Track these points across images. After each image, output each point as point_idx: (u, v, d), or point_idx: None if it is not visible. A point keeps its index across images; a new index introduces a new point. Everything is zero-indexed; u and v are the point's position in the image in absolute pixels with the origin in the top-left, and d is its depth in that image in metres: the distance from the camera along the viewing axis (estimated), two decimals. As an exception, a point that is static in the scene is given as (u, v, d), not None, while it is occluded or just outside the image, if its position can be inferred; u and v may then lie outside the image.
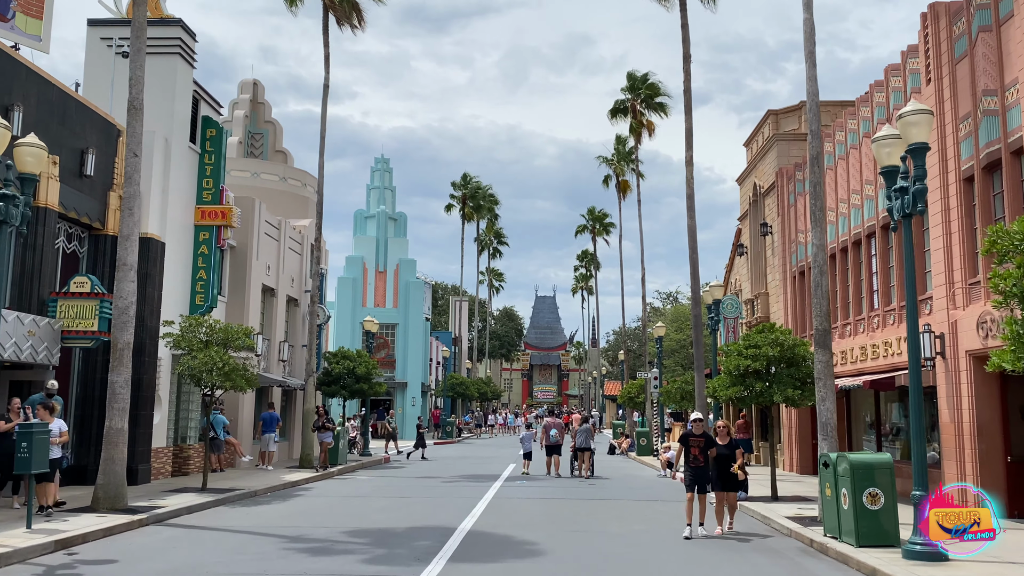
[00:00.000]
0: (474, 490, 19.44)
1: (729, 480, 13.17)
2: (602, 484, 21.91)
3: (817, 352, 14.47)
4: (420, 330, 49.18)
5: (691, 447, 12.98)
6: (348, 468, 25.10)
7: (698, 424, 13.20)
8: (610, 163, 47.14)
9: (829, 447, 14.00)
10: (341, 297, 47.34)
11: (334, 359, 28.57)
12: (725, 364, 17.94)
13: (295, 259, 29.72)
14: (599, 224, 67.99)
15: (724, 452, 13.14)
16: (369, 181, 50.70)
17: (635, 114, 39.16)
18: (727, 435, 13.41)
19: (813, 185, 14.82)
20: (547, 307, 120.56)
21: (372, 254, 48.27)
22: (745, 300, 30.44)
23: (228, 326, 18.31)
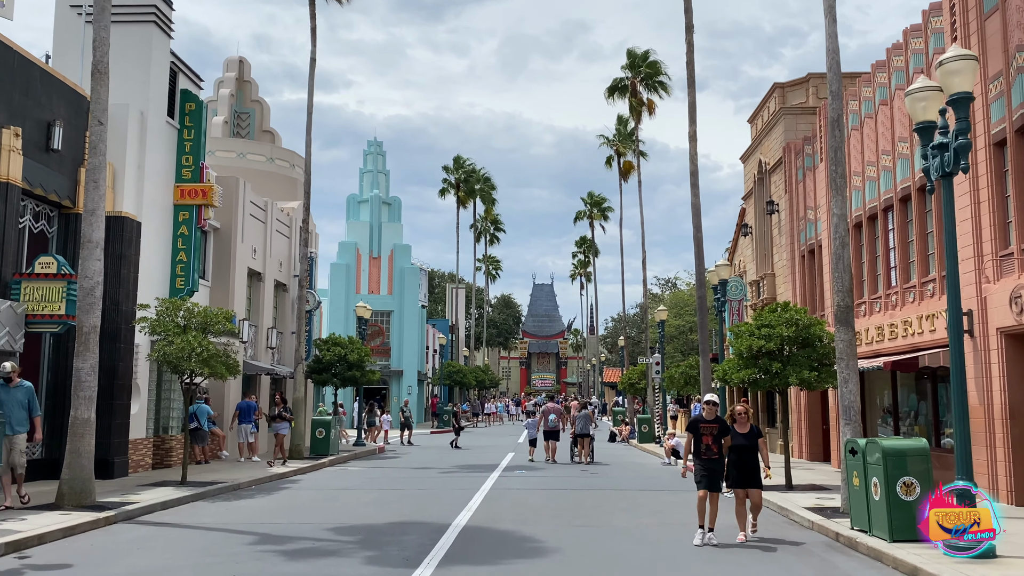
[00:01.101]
0: (471, 481, 18.51)
1: (751, 474, 10.98)
2: (605, 473, 21.04)
3: (839, 330, 13.39)
4: (416, 317, 48.18)
5: (702, 435, 10.87)
6: (340, 459, 24.20)
7: (710, 408, 11.02)
8: (611, 143, 45.94)
9: (853, 432, 12.94)
10: (334, 284, 46.28)
11: (324, 346, 27.55)
12: (735, 345, 16.90)
13: (283, 242, 28.62)
14: (598, 209, 67.00)
15: (743, 442, 11.00)
16: (362, 165, 49.53)
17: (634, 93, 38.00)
18: (747, 421, 11.16)
19: (833, 150, 13.69)
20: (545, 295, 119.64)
21: (366, 240, 47.20)
22: (750, 282, 29.44)
23: (207, 310, 17.19)
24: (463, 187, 60.41)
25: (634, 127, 41.19)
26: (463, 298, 72.40)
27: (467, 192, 60.93)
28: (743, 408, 11.21)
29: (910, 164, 17.68)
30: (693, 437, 10.96)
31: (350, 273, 46.57)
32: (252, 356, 25.60)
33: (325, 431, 24.63)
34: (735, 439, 11.02)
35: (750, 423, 11.19)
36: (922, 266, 17.28)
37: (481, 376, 61.03)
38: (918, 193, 17.42)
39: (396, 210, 48.93)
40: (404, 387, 46.48)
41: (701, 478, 10.82)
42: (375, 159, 48.67)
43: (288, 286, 28.65)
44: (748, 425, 11.14)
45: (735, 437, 11.03)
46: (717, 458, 10.87)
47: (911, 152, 17.64)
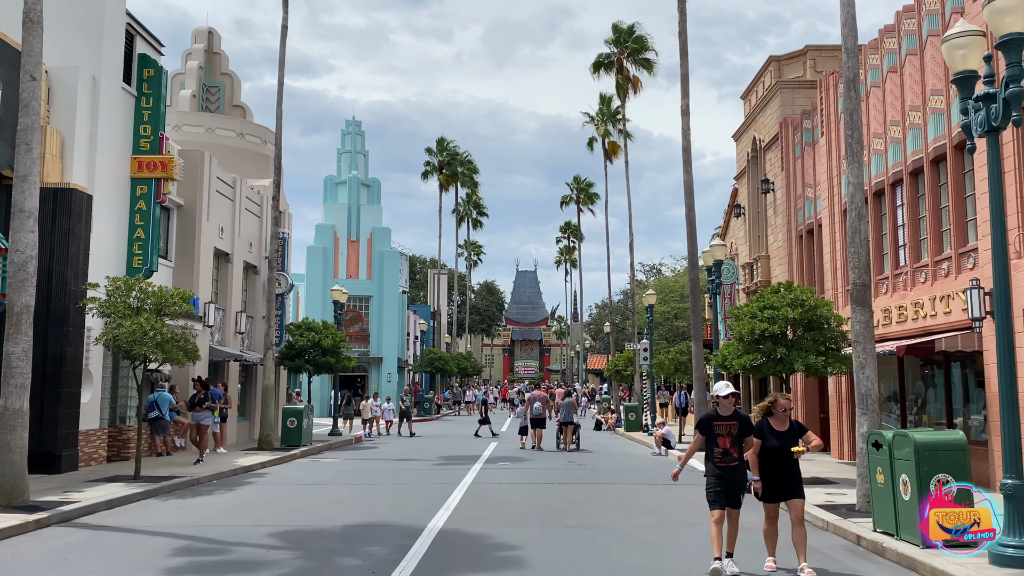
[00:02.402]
0: (451, 474, 17.28)
1: (790, 480, 8.26)
2: (593, 464, 19.93)
3: (855, 311, 12.13)
4: (396, 303, 46.82)
5: (716, 436, 8.12)
6: (313, 450, 22.96)
7: (727, 402, 8.18)
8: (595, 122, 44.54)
9: (870, 423, 11.70)
10: (311, 268, 44.78)
11: (297, 331, 26.39)
12: (736, 328, 15.70)
13: (253, 222, 27.13)
14: (584, 194, 65.83)
15: (775, 444, 8.15)
16: (340, 145, 47.93)
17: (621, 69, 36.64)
18: (788, 417, 8.37)
19: (848, 113, 12.39)
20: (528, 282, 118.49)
21: (344, 222, 45.72)
22: (743, 264, 28.34)
23: (162, 289, 15.72)
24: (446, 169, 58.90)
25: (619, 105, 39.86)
26: (445, 284, 71.00)
27: (450, 175, 59.46)
28: (787, 401, 8.32)
29: (922, 134, 16.45)
30: (703, 439, 8.28)
31: (327, 257, 45.09)
32: (220, 341, 24.22)
33: (297, 420, 23.33)
34: (770, 439, 8.17)
35: (790, 419, 8.39)
36: (935, 244, 16.09)
37: (463, 363, 59.87)
38: (931, 165, 16.19)
39: (375, 192, 47.46)
40: (383, 374, 45.17)
41: (716, 495, 8.06)
42: (353, 139, 47.13)
43: (259, 268, 27.21)
44: (787, 421, 8.32)
45: (770, 438, 8.18)
46: (736, 465, 8.12)
47: (923, 121, 16.40)
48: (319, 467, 19.20)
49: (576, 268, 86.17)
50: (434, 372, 53.02)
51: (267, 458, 19.83)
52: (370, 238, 45.93)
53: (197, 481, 15.81)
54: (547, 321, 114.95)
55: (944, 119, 15.51)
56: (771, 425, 8.30)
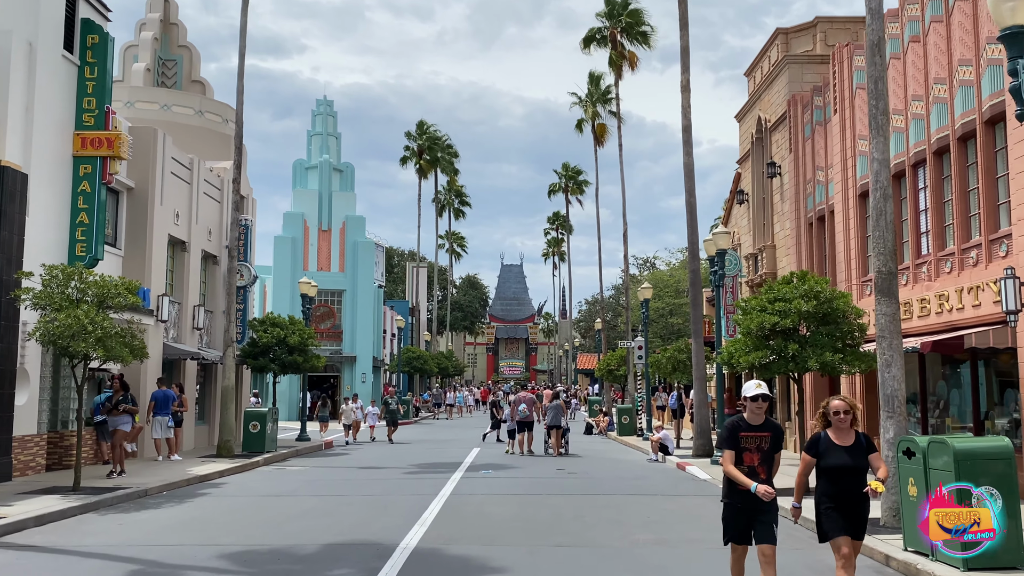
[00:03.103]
0: (428, 484, 16.64)
1: (859, 514, 6.72)
2: (585, 472, 19.38)
3: (880, 302, 11.51)
4: (371, 297, 46.09)
5: (743, 450, 6.81)
6: (278, 456, 22.35)
7: (756, 407, 6.82)
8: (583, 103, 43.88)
9: (897, 427, 11.09)
10: (278, 259, 43.95)
11: (261, 327, 25.70)
12: (744, 323, 15.10)
13: (213, 208, 26.33)
14: (574, 182, 65.34)
15: (846, 462, 6.65)
16: (310, 127, 47.07)
17: (615, 44, 35.96)
18: (852, 427, 6.80)
19: (873, 82, 11.76)
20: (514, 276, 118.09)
21: (314, 210, 44.91)
22: (746, 255, 27.84)
23: (104, 279, 14.89)
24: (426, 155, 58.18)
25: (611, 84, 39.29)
26: (425, 278, 70.33)
27: (430, 161, 58.73)
28: (846, 405, 6.79)
29: (948, 109, 15.88)
30: (733, 453, 6.85)
31: (296, 247, 44.25)
32: (175, 338, 23.46)
33: (260, 424, 22.70)
34: (832, 456, 6.67)
35: (855, 431, 6.83)
36: (962, 230, 15.52)
37: (444, 363, 59.30)
38: (958, 143, 15.61)
39: (349, 178, 46.65)
40: (357, 375, 44.44)
41: (735, 527, 6.82)
42: (325, 120, 46.28)
43: (219, 258, 26.43)
44: (853, 433, 6.78)
45: (832, 454, 6.68)
46: None
47: (950, 95, 15.82)
48: (283, 476, 18.63)
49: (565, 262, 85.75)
50: (412, 372, 52.39)
51: (226, 466, 19.24)
52: (343, 227, 45.17)
53: (145, 493, 15.15)
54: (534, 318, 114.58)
55: (973, 92, 14.94)
56: (831, 438, 6.74)
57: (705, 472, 18.45)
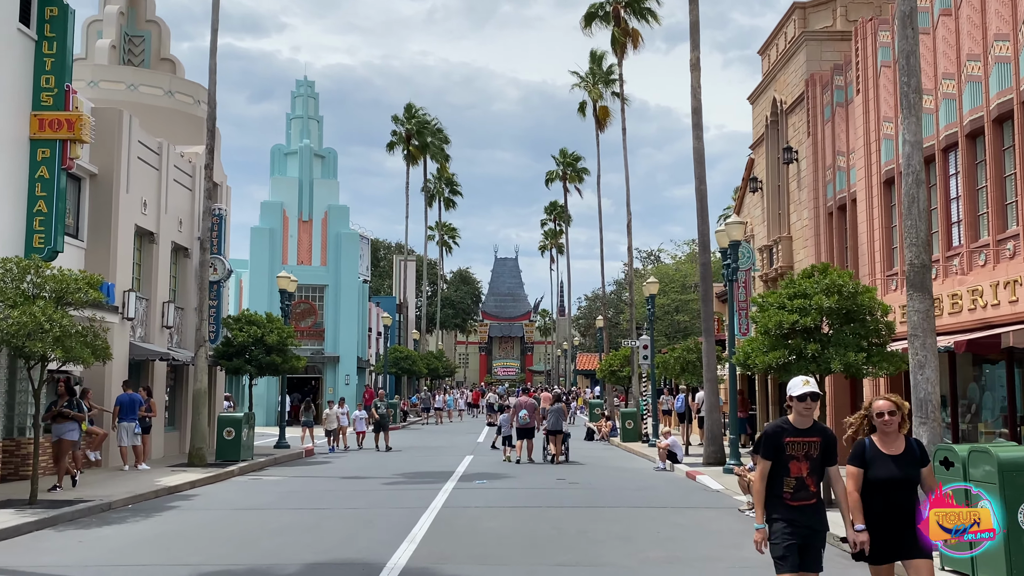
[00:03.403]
0: (418, 496, 16.36)
1: (912, 531, 6.19)
2: (588, 482, 19.18)
3: (912, 298, 11.25)
4: (355, 293, 45.84)
5: (789, 459, 6.11)
6: (255, 465, 22.12)
7: (805, 407, 6.12)
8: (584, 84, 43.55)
9: (931, 435, 10.82)
10: (256, 252, 43.61)
11: (236, 325, 25.40)
12: (761, 321, 14.86)
13: (184, 196, 26.04)
14: (572, 169, 65.14)
15: (895, 473, 6.11)
16: (289, 110, 46.68)
17: (618, 21, 35.68)
18: (900, 431, 6.24)
19: (905, 56, 11.48)
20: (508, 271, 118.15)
21: (294, 199, 44.57)
22: (760, 247, 27.62)
23: (63, 273, 14.57)
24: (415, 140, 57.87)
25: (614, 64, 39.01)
26: (413, 272, 70.13)
27: (419, 146, 58.42)
28: (891, 404, 6.21)
29: (983, 88, 15.61)
30: (768, 465, 6.17)
31: (275, 239, 43.92)
32: (142, 337, 23.21)
33: (235, 431, 22.43)
34: (879, 467, 6.09)
35: (903, 434, 6.27)
36: (998, 219, 15.29)
37: (434, 363, 59.11)
38: (994, 125, 15.37)
39: (331, 164, 46.33)
40: (340, 376, 44.18)
41: (786, 549, 6.03)
42: (305, 102, 45.94)
43: (191, 251, 26.15)
44: (902, 439, 6.22)
45: (878, 465, 6.10)
46: (815, 504, 6.15)
47: (984, 73, 15.57)
48: (260, 487, 18.39)
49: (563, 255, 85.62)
50: (400, 373, 52.20)
51: (198, 476, 19.02)
52: (325, 218, 44.90)
53: (108, 506, 14.88)
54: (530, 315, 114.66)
55: (1011, 69, 14.68)
56: (877, 446, 6.14)
57: (717, 482, 18.27)
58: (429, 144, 58.71)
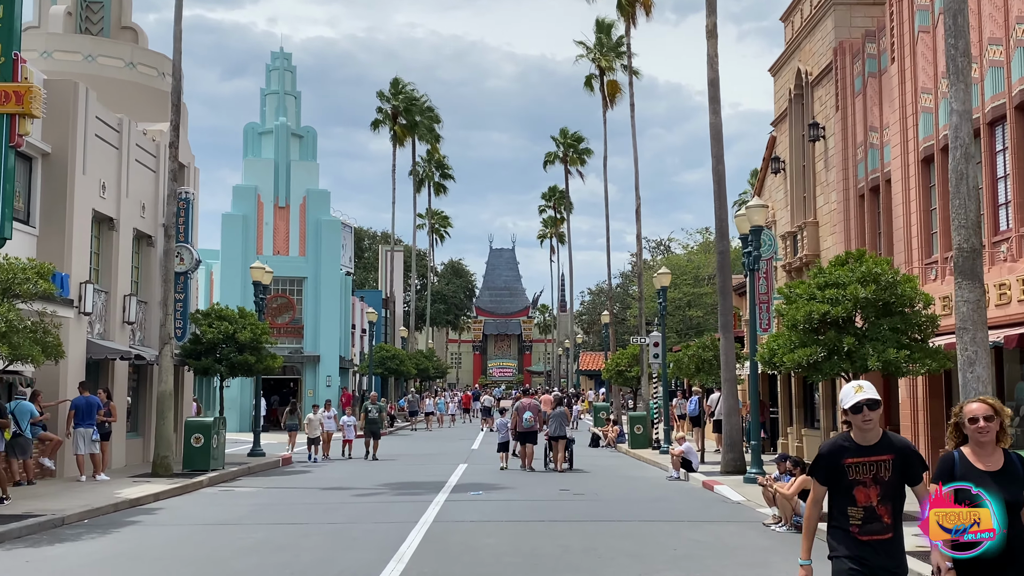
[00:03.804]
0: (405, 510, 16.17)
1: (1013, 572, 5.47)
2: (594, 493, 19.08)
3: (960, 287, 10.94)
4: (337, 286, 45.60)
5: (854, 484, 5.42)
6: (226, 475, 22.03)
7: (865, 421, 5.38)
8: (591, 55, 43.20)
9: (982, 440, 10.47)
10: (228, 241, 43.29)
11: (205, 321, 25.17)
12: (789, 313, 14.62)
13: (147, 178, 25.81)
14: (573, 150, 64.84)
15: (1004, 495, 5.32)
16: (264, 85, 46.28)
17: (627, -16, 35.32)
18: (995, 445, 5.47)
19: (952, 15, 11.15)
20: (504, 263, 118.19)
21: (269, 183, 44.23)
22: (782, 235, 27.41)
23: (9, 261, 14.26)
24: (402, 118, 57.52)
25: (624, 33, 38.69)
26: (401, 264, 69.95)
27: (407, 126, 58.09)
28: (988, 408, 5.42)
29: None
30: (823, 492, 5.60)
31: (249, 227, 43.58)
32: (101, 334, 23.01)
33: (204, 437, 22.30)
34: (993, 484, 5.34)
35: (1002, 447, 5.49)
36: (1051, 200, 14.94)
37: (423, 363, 58.99)
38: (1046, 95, 15.01)
39: (310, 145, 46.00)
40: (321, 377, 43.94)
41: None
42: (282, 76, 45.55)
43: (155, 239, 25.83)
44: (1000, 452, 5.46)
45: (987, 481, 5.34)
46: (891, 538, 5.40)
47: (1035, 38, 15.20)
48: (231, 500, 18.26)
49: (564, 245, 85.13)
50: (386, 374, 52.03)
51: (162, 487, 18.86)
52: (303, 203, 44.60)
53: (61, 521, 14.67)
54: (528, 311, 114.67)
55: (1066, 32, 14.32)
56: (969, 461, 5.43)
57: (738, 493, 18.11)
58: (418, 123, 58.41)
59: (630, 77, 38.57)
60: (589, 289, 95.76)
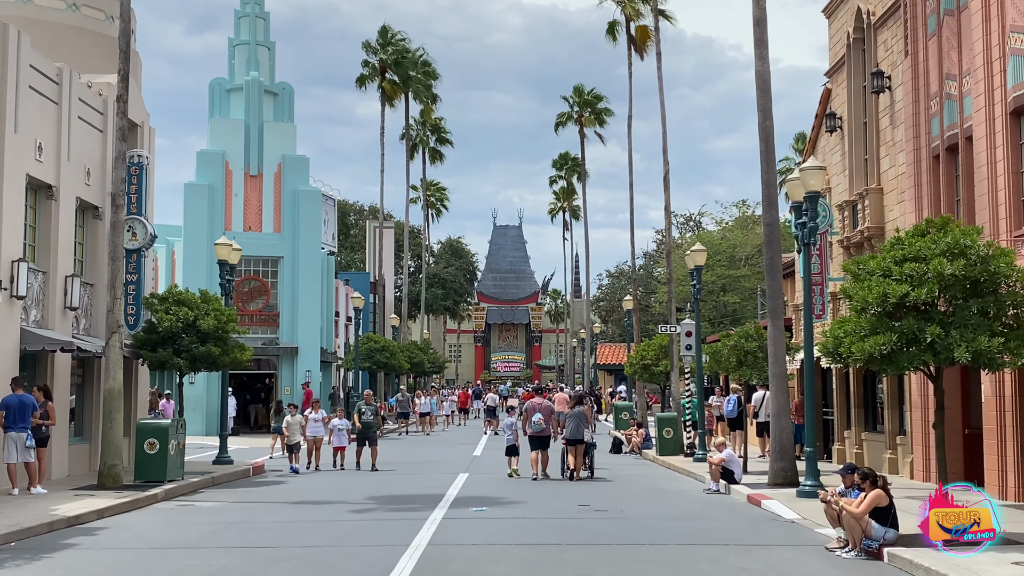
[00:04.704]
0: (396, 529, 15.95)
1: None
2: (620, 511, 18.73)
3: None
4: (318, 268, 45.21)
5: None
6: (186, 487, 21.89)
7: None
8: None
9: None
10: (192, 215, 42.65)
11: (161, 306, 24.97)
12: (857, 295, 14.01)
13: (93, 139, 25.32)
14: (590, 110, 64.18)
15: None
16: (232, 33, 45.58)
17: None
18: None
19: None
20: (510, 242, 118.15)
21: (239, 148, 43.49)
22: (838, 204, 26.96)
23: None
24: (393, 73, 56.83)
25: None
26: (391, 243, 69.59)
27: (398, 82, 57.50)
28: None
29: None
30: None
31: (215, 198, 42.90)
32: (38, 321, 22.62)
33: (160, 443, 21.86)
34: None
35: None
36: None
37: (418, 356, 58.71)
38: None
39: (286, 103, 45.40)
40: (300, 372, 43.51)
41: None
42: (253, 24, 44.84)
43: (102, 210, 25.23)
44: None
45: None
46: None
47: None
48: (189, 517, 18.06)
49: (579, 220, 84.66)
50: (375, 369, 51.75)
51: (108, 502, 18.59)
52: (278, 171, 44.11)
53: (-17, 544, 14.16)
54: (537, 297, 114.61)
55: None
56: None
57: (790, 509, 17.68)
58: (411, 79, 57.91)
59: (656, 21, 37.95)
60: (607, 271, 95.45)
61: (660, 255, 78.19)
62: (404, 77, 57.55)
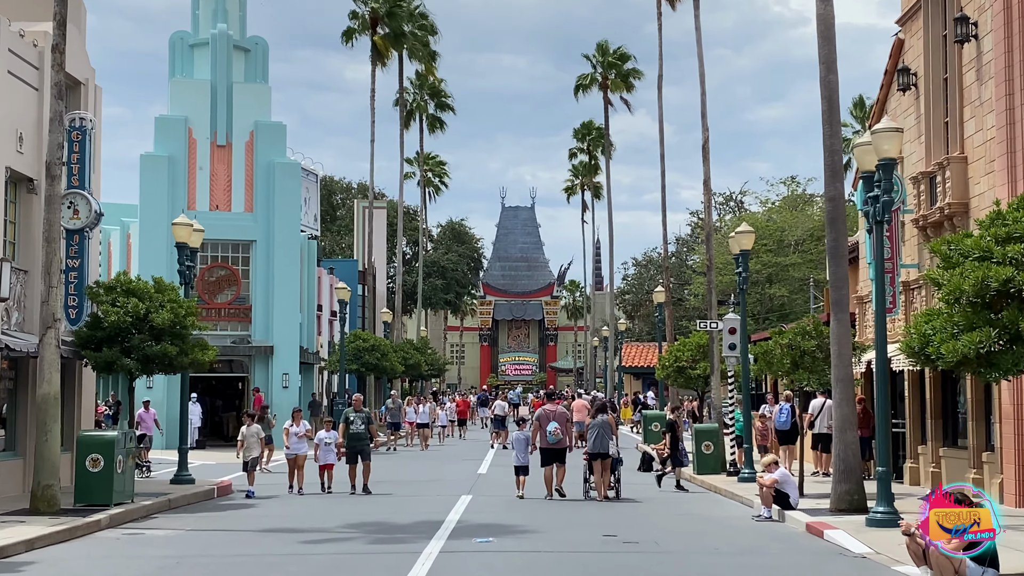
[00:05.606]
0: (383, 566, 15.91)
1: None
2: (653, 541, 18.55)
3: None
4: (296, 254, 45.50)
5: None
6: (135, 511, 21.83)
7: None
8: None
9: None
10: (148, 191, 42.60)
11: (108, 297, 24.93)
12: (950, 283, 13.38)
13: (28, 98, 25.03)
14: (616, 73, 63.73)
15: None
16: (196, -19, 45.72)
17: None
18: None
19: None
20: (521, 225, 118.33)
21: (204, 113, 43.42)
22: (911, 177, 26.24)
23: None
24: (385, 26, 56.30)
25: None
26: (383, 225, 69.45)
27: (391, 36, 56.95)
28: None
29: None
30: None
31: (177, 172, 42.82)
32: (-41, 314, 22.02)
33: (105, 459, 21.78)
34: None
35: None
36: None
37: (414, 357, 58.62)
38: None
39: (259, 61, 45.48)
40: (276, 376, 43.43)
41: None
42: (221, -32, 44.70)
43: (38, 183, 24.76)
44: None
45: None
46: None
47: None
48: (136, 549, 17.92)
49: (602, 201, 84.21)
50: (364, 371, 51.78)
51: (40, 530, 18.31)
52: (250, 141, 44.28)
53: None
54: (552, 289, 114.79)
55: None
56: None
57: (860, 542, 17.08)
58: (406, 33, 57.60)
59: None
60: (634, 259, 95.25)
61: (695, 240, 77.95)
62: (398, 31, 57.48)
